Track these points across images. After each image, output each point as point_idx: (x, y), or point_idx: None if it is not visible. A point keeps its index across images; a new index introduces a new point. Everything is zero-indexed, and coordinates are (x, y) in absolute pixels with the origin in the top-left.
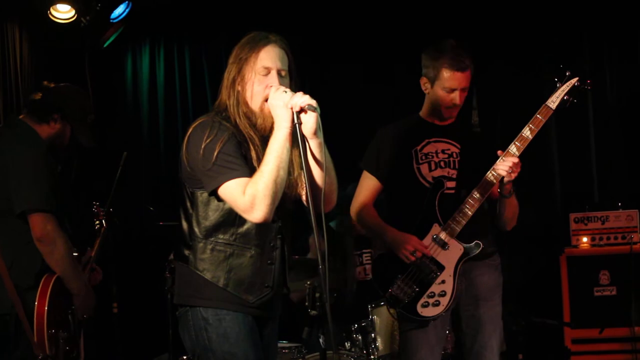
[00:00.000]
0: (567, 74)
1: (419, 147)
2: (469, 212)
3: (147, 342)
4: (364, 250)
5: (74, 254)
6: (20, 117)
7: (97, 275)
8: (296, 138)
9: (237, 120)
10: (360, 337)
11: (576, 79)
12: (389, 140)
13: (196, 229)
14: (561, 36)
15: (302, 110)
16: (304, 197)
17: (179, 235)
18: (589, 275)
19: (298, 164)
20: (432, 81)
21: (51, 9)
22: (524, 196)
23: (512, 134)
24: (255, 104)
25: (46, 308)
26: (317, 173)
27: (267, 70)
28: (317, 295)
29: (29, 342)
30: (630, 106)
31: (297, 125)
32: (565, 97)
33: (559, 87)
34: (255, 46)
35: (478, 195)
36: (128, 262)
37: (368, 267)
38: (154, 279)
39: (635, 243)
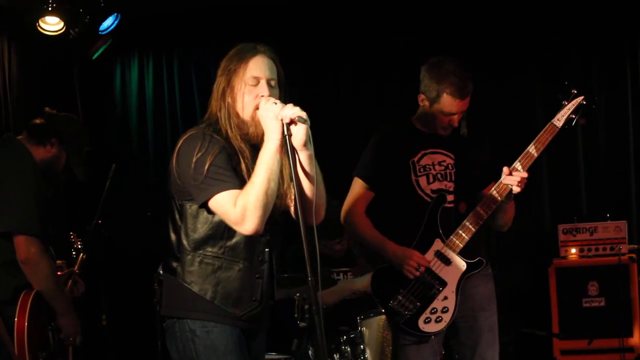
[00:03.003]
0: (574, 92)
1: (415, 159)
2: (473, 229)
3: (135, 354)
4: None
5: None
6: (19, 137)
7: (79, 288)
8: (286, 150)
9: (228, 132)
10: (349, 349)
11: (582, 97)
12: (384, 148)
13: (184, 242)
14: (550, 47)
15: (292, 122)
16: (292, 210)
17: (167, 248)
18: (577, 287)
19: (287, 175)
20: (432, 102)
21: (40, 21)
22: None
23: (501, 146)
24: (246, 114)
25: (26, 324)
26: (307, 185)
27: (257, 80)
28: (307, 307)
29: (9, 355)
30: (617, 118)
31: (286, 137)
32: (571, 116)
33: (565, 105)
34: (244, 57)
35: (482, 211)
36: (117, 274)
37: None
38: (143, 291)
39: (623, 254)
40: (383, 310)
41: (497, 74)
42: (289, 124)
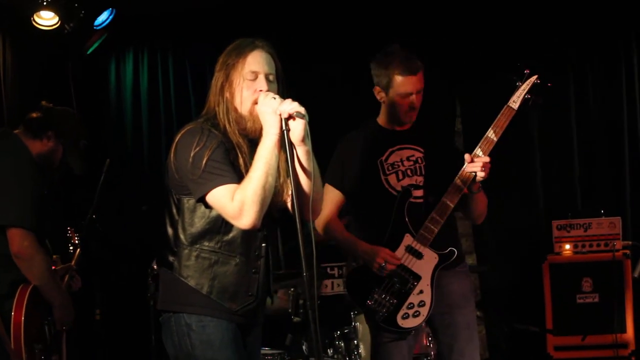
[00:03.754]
0: (526, 72)
1: (383, 158)
2: (440, 220)
3: (129, 349)
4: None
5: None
6: (15, 131)
7: (77, 283)
8: (284, 145)
9: (227, 127)
10: (343, 344)
11: (535, 76)
12: (351, 152)
13: (181, 236)
14: (543, 45)
15: (290, 117)
16: (289, 205)
17: (164, 242)
18: (571, 283)
19: (285, 170)
20: (386, 89)
21: (35, 16)
22: (506, 203)
23: (497, 145)
24: (244, 109)
25: (23, 318)
26: (304, 181)
27: (255, 75)
28: (301, 302)
29: (5, 350)
30: (612, 115)
31: (284, 132)
32: (527, 96)
33: (519, 86)
34: (242, 52)
35: (448, 201)
36: (111, 269)
37: (336, 281)
38: (137, 285)
39: (617, 250)
40: (360, 310)
41: (493, 74)
42: (287, 119)
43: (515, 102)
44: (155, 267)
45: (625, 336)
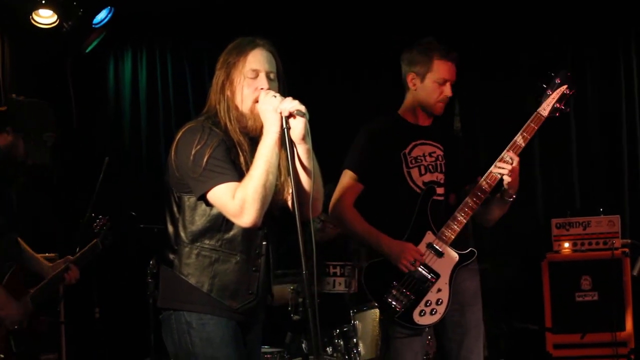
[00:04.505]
0: (557, 81)
1: (407, 151)
2: (463, 220)
3: (129, 346)
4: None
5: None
6: None
7: (72, 274)
8: (284, 143)
9: (228, 125)
10: (342, 342)
11: (565, 86)
12: (374, 140)
13: (182, 234)
14: (542, 43)
15: (291, 115)
16: (289, 203)
17: (164, 239)
18: (570, 281)
19: (285, 169)
20: (423, 76)
21: (33, 14)
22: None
23: (493, 140)
24: (245, 107)
25: None
26: (304, 179)
27: (256, 73)
28: (300, 300)
29: None
30: (611, 114)
31: (285, 130)
32: (556, 105)
33: (550, 95)
34: (243, 50)
35: (472, 203)
36: (110, 267)
37: (337, 279)
38: (136, 283)
39: (616, 248)
40: (377, 305)
41: (492, 73)
42: (288, 117)
43: (545, 109)
44: (153, 264)
45: (624, 334)
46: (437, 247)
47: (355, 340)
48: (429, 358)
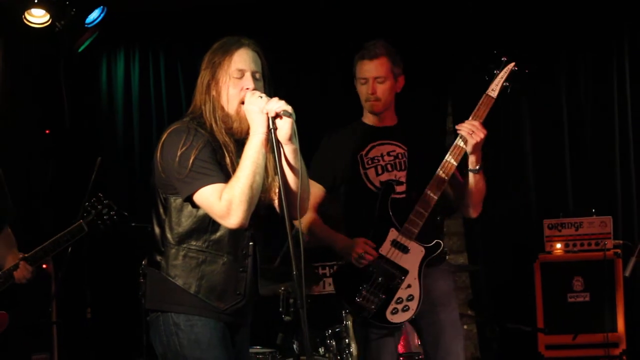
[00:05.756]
0: (504, 59)
1: (364, 152)
2: (425, 212)
3: (121, 347)
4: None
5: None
6: None
7: (19, 273)
8: (271, 143)
9: (213, 126)
10: (334, 343)
11: (513, 64)
12: (333, 147)
13: (169, 235)
14: (536, 45)
15: (277, 115)
16: (276, 203)
17: (151, 241)
18: (562, 282)
19: (272, 169)
20: (354, 79)
21: (26, 14)
22: (498, 202)
23: (486, 140)
24: (231, 108)
25: None
26: (291, 179)
27: (242, 73)
28: (291, 300)
29: None
30: (604, 114)
31: (272, 130)
32: (505, 84)
33: (497, 74)
34: (229, 50)
35: (431, 193)
36: (101, 267)
37: (327, 280)
38: (128, 284)
39: (608, 249)
40: (349, 308)
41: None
42: (274, 118)
43: (494, 90)
44: (145, 265)
45: (616, 335)
46: (402, 243)
47: (347, 340)
48: (421, 358)
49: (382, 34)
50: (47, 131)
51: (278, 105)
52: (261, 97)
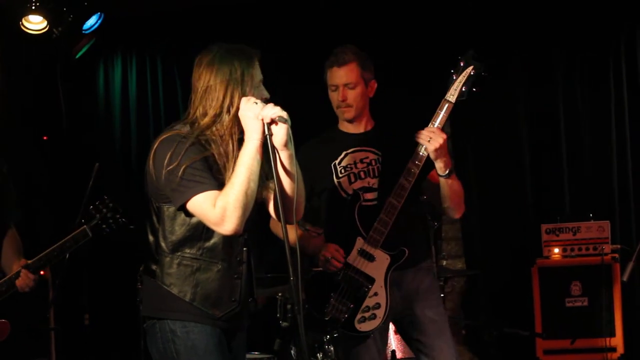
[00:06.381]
0: (462, 64)
1: (337, 161)
2: (389, 220)
3: (118, 353)
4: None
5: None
6: None
7: (21, 281)
8: (266, 149)
9: (206, 132)
10: (332, 348)
11: (471, 67)
12: (308, 157)
13: (163, 244)
14: (533, 47)
15: (272, 121)
16: (271, 209)
17: (146, 250)
18: (560, 286)
19: (267, 175)
20: (326, 86)
21: (23, 20)
22: (495, 207)
23: (483, 143)
24: (227, 113)
25: None
26: (287, 185)
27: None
28: (289, 306)
29: None
30: (600, 119)
31: (267, 136)
32: (463, 89)
33: (455, 79)
34: (250, 61)
35: (394, 201)
36: (99, 273)
37: None
38: (126, 290)
39: (606, 254)
40: (318, 318)
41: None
42: (269, 124)
43: (452, 95)
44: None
45: (614, 340)
46: (367, 252)
47: None
48: None
49: (372, 36)
50: (44, 137)
51: (273, 111)
52: (256, 103)
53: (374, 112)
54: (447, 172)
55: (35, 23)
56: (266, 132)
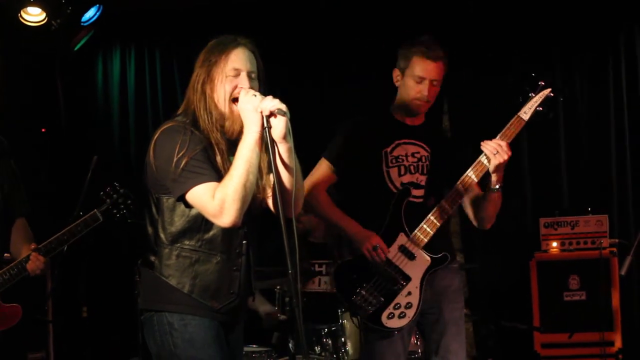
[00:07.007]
0: (540, 83)
1: (389, 149)
2: (437, 223)
3: (116, 346)
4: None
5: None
6: None
7: (32, 265)
8: (265, 142)
9: (205, 124)
10: (330, 342)
11: (549, 90)
12: (357, 134)
13: (162, 235)
14: (533, 45)
15: (271, 114)
16: (270, 202)
17: (145, 241)
18: (558, 280)
19: (266, 168)
20: (403, 71)
21: (22, 12)
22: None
23: (482, 140)
24: (225, 106)
25: None
26: (286, 177)
27: (237, 72)
28: (287, 299)
29: None
30: (599, 113)
31: (266, 129)
32: (538, 109)
33: (531, 98)
34: (225, 49)
35: (447, 206)
36: (98, 266)
37: (323, 278)
38: (124, 282)
39: (604, 248)
40: (346, 305)
41: (482, 72)
42: (268, 117)
43: (526, 113)
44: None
45: (612, 334)
46: (409, 250)
47: (343, 339)
48: (417, 357)
49: (376, 34)
50: (43, 129)
51: (272, 103)
52: (255, 95)
53: (383, 106)
54: (497, 186)
55: (34, 15)
56: (265, 125)
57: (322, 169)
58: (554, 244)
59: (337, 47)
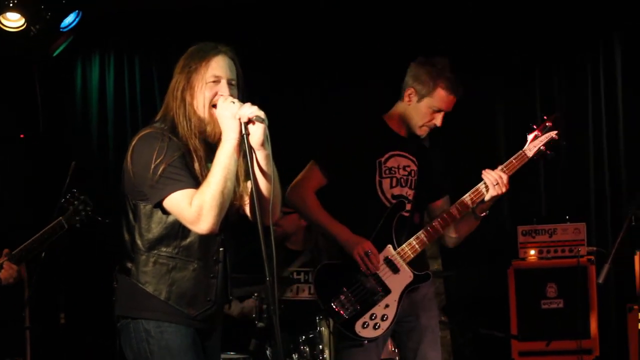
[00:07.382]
0: (548, 125)
1: (382, 159)
2: (426, 241)
3: (94, 353)
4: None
5: None
6: None
7: (4, 273)
8: (243, 149)
9: (184, 131)
10: (307, 349)
11: (555, 132)
12: (352, 140)
13: (139, 242)
14: (511, 53)
15: (250, 121)
16: (247, 209)
17: (121, 248)
18: (536, 288)
19: (244, 175)
20: (422, 96)
21: (0, 18)
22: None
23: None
24: (204, 112)
25: None
26: (264, 185)
27: (217, 79)
28: (264, 306)
29: None
30: (577, 121)
31: (244, 136)
32: (541, 148)
33: (538, 137)
34: (206, 55)
35: (438, 225)
36: (75, 272)
37: (301, 286)
38: (102, 289)
39: (582, 256)
40: (321, 308)
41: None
42: (247, 124)
43: (531, 150)
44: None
45: (589, 342)
46: (394, 263)
47: (321, 346)
48: None
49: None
50: (21, 135)
51: (251, 110)
52: (234, 102)
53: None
54: (483, 214)
55: (12, 20)
56: (243, 132)
57: (312, 171)
58: (532, 251)
59: (318, 55)
